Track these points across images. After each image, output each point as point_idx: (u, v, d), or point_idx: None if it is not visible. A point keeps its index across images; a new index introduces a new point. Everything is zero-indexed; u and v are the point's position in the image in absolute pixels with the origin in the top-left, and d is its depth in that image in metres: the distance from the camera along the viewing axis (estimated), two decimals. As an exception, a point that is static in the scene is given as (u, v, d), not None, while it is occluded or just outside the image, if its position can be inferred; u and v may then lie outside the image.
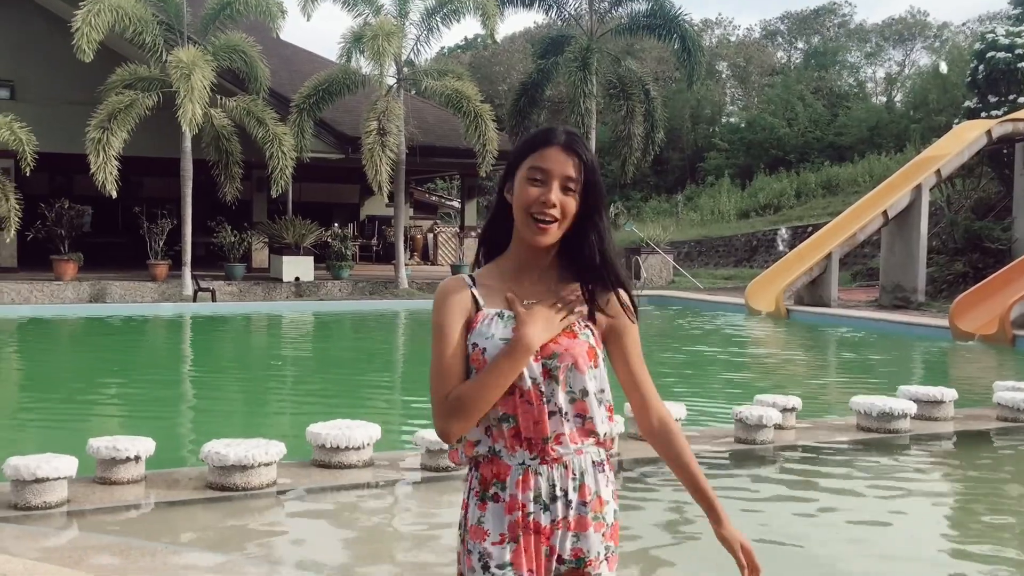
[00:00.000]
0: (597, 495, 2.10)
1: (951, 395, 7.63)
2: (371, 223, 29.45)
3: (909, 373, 12.46)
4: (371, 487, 5.69)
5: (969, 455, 7.09)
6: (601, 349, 2.13)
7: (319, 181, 26.64)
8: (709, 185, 37.85)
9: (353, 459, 5.87)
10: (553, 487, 2.08)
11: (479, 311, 2.13)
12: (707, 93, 43.79)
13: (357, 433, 5.89)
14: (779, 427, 6.94)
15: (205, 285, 19.57)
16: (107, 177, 18.59)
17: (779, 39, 52.46)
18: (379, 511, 5.57)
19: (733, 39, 51.97)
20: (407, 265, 22.22)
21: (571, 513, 2.08)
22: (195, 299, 19.24)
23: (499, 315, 2.10)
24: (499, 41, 31.57)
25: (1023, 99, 21.32)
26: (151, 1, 19.99)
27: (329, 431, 5.89)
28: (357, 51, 20.96)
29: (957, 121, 22.62)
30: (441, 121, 24.50)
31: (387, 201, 23.24)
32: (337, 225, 25.49)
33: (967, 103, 22.88)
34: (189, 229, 19.88)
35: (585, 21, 25.60)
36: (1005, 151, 21.08)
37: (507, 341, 2.05)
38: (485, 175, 22.40)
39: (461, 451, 2.15)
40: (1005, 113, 20.71)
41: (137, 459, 5.47)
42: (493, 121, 21.13)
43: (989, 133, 19.06)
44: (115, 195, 18.97)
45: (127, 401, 10.02)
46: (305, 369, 12.83)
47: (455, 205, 35.00)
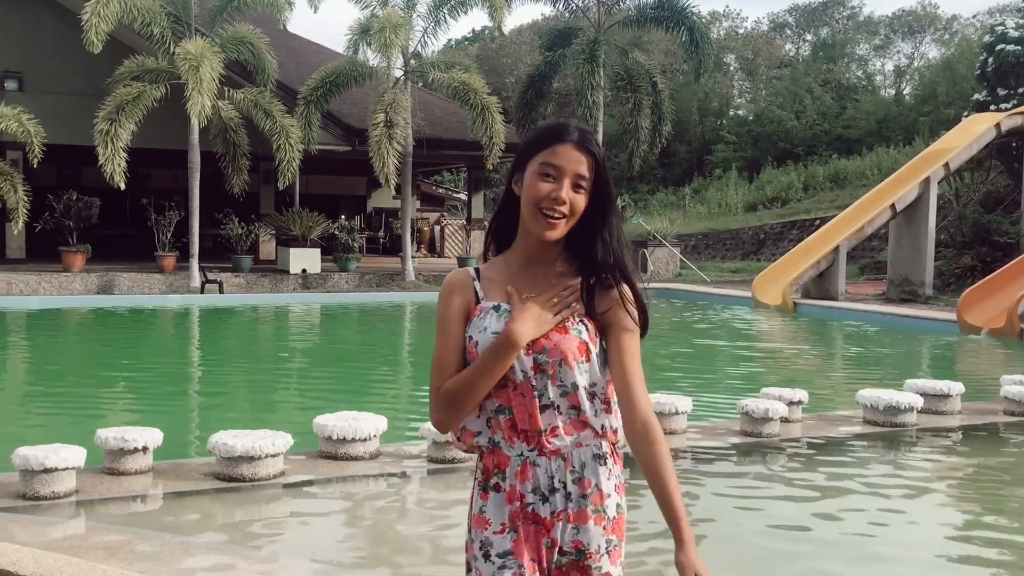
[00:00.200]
0: (598, 488, 2.11)
1: (958, 389, 7.61)
2: (378, 215, 29.49)
3: (916, 367, 12.43)
4: (378, 478, 5.70)
5: (976, 449, 7.07)
6: (596, 344, 2.12)
7: (326, 173, 26.69)
8: (716, 178, 37.77)
9: (360, 451, 5.88)
10: (552, 479, 2.09)
11: (478, 304, 2.14)
12: (715, 86, 43.63)
13: (364, 425, 5.90)
14: (785, 420, 6.93)
15: (212, 277, 19.61)
16: (115, 169, 18.65)
17: (787, 31, 52.31)
18: (385, 502, 5.58)
19: (741, 31, 51.85)
20: (414, 257, 22.25)
21: (570, 505, 2.09)
22: (202, 291, 19.29)
23: (495, 308, 2.12)
24: (506, 33, 31.47)
25: (1032, 92, 21.27)
26: (159, -8, 20.04)
27: (336, 423, 5.90)
28: (364, 43, 20.96)
29: (966, 114, 22.54)
30: (448, 113, 24.49)
31: (394, 193, 23.30)
32: (344, 217, 25.50)
33: (976, 96, 22.80)
34: (197, 221, 19.93)
35: (592, 13, 25.53)
36: (1014, 144, 21.01)
37: (498, 335, 2.07)
38: (492, 167, 22.38)
39: (461, 441, 2.18)
40: (1014, 106, 20.64)
41: (145, 450, 5.49)
42: (500, 113, 21.12)
43: (998, 126, 18.99)
44: (123, 187, 19.03)
45: (135, 392, 10.06)
46: (312, 361, 12.86)
47: (462, 197, 35.05)
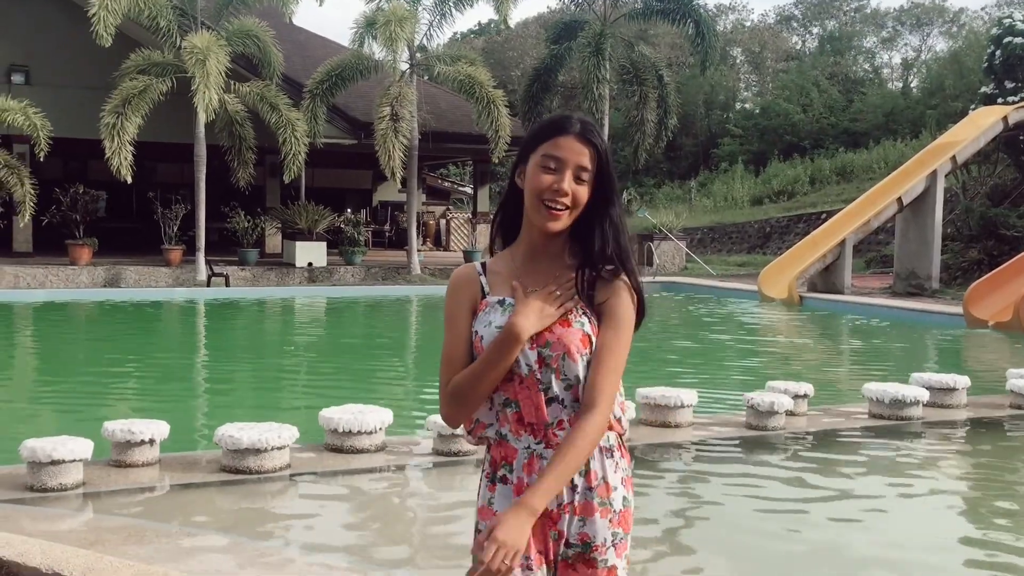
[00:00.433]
0: (604, 481, 2.11)
1: (964, 382, 7.60)
2: (384, 209, 29.49)
3: (922, 360, 12.42)
4: (383, 471, 5.71)
5: (982, 442, 7.07)
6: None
7: (332, 167, 26.67)
8: (722, 171, 37.67)
9: (365, 443, 5.89)
10: None
11: (484, 298, 2.14)
12: (721, 79, 43.52)
13: (369, 418, 5.91)
14: (791, 414, 6.93)
15: (219, 270, 19.64)
16: (122, 162, 18.67)
17: (794, 24, 52.13)
18: (391, 495, 5.60)
19: (747, 24, 51.70)
20: (419, 251, 22.23)
21: (577, 498, 2.10)
22: (209, 284, 19.32)
23: (500, 303, 2.12)
24: (512, 26, 31.47)
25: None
26: (165, -15, 20.04)
27: (342, 415, 5.91)
28: (370, 36, 20.94)
29: (973, 107, 22.45)
30: (454, 107, 24.47)
31: (400, 187, 23.25)
32: (350, 211, 25.51)
33: (983, 89, 22.68)
34: (203, 214, 19.95)
35: (598, 6, 25.48)
36: (1021, 137, 20.93)
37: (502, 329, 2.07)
38: (498, 161, 22.37)
39: (472, 433, 2.18)
40: (1022, 99, 20.55)
41: (152, 442, 5.51)
42: (506, 107, 21.08)
43: (1005, 119, 18.93)
44: (129, 180, 19.04)
45: (141, 385, 10.10)
46: (318, 354, 12.88)
47: (467, 191, 34.98)
